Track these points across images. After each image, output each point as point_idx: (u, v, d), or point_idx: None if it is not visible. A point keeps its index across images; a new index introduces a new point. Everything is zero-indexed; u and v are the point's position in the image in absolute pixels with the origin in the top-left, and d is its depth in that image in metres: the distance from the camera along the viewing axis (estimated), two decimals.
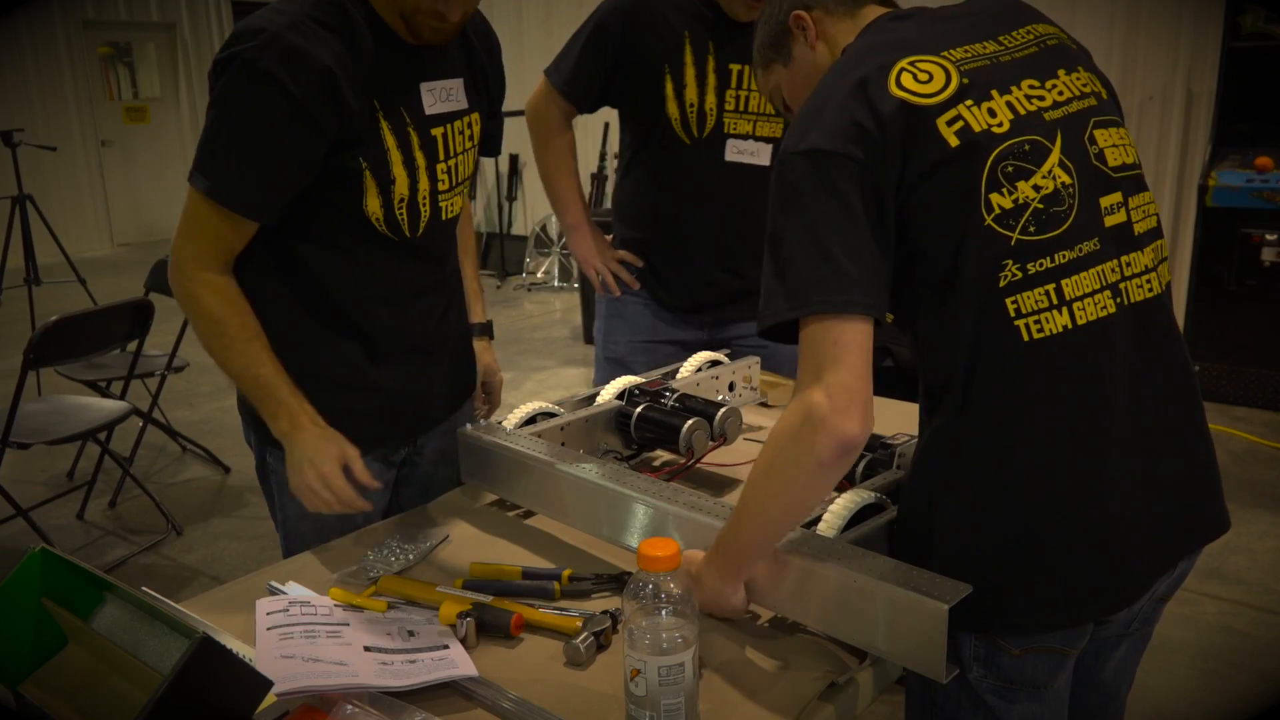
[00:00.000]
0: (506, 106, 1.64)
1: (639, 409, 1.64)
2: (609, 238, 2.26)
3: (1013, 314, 1.06)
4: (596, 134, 7.07)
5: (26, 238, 5.30)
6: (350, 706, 1.03)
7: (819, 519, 1.23)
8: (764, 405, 1.99)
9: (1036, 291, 1.06)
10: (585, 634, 1.16)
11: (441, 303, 1.63)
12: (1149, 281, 1.14)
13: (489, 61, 1.60)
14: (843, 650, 1.15)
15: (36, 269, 5.29)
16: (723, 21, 2.00)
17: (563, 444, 1.55)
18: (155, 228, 10.27)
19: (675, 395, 1.67)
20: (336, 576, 1.35)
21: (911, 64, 1.09)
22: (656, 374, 1.88)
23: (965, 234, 1.05)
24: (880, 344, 1.15)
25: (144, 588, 1.20)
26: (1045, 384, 1.07)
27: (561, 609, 1.24)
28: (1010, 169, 1.06)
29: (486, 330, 1.83)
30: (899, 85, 1.07)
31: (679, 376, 1.85)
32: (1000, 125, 1.08)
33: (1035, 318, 1.06)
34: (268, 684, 0.96)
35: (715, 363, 1.92)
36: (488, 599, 1.24)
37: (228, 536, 3.52)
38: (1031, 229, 1.06)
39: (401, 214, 1.46)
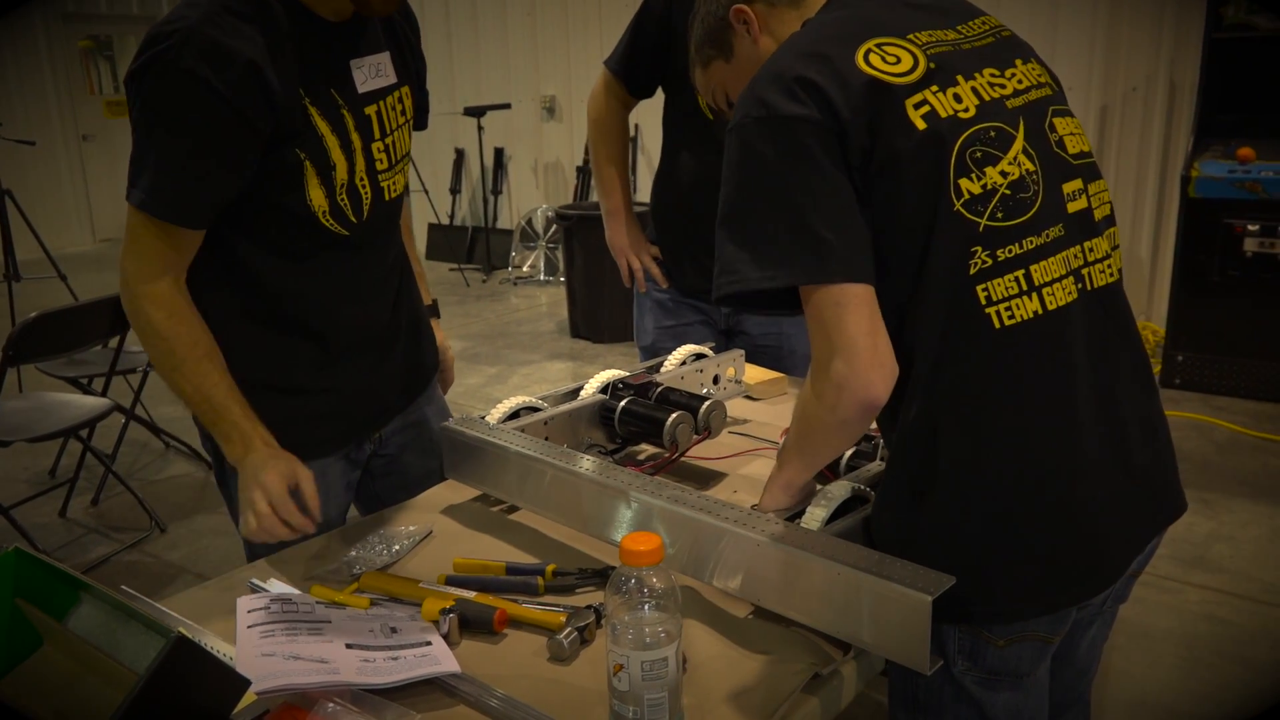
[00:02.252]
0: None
1: (623, 403, 1.63)
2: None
3: (983, 302, 1.06)
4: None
5: (6, 233, 5.26)
6: (332, 704, 1.02)
7: (802, 512, 1.22)
8: (748, 398, 1.98)
9: (1006, 278, 1.06)
10: (569, 629, 1.15)
11: (392, 289, 1.60)
12: (1109, 267, 1.16)
13: (410, 32, 1.54)
14: (827, 643, 1.15)
15: (16, 264, 5.25)
16: None
17: (546, 438, 1.54)
18: None
19: (659, 389, 1.66)
20: (318, 573, 1.34)
21: (879, 45, 1.08)
22: (640, 368, 1.88)
23: (935, 220, 1.05)
24: None
25: (123, 586, 1.20)
26: (1018, 371, 1.07)
27: (545, 604, 1.24)
28: (979, 154, 1.06)
29: (434, 310, 1.81)
30: (867, 63, 1.06)
31: (663, 370, 1.85)
32: (966, 111, 1.08)
33: (1006, 304, 1.06)
34: (245, 682, 0.95)
35: (699, 356, 1.91)
36: (471, 595, 1.24)
37: (212, 533, 3.50)
38: (999, 215, 1.06)
39: (344, 200, 1.41)
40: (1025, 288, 1.07)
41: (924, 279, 1.06)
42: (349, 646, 1.11)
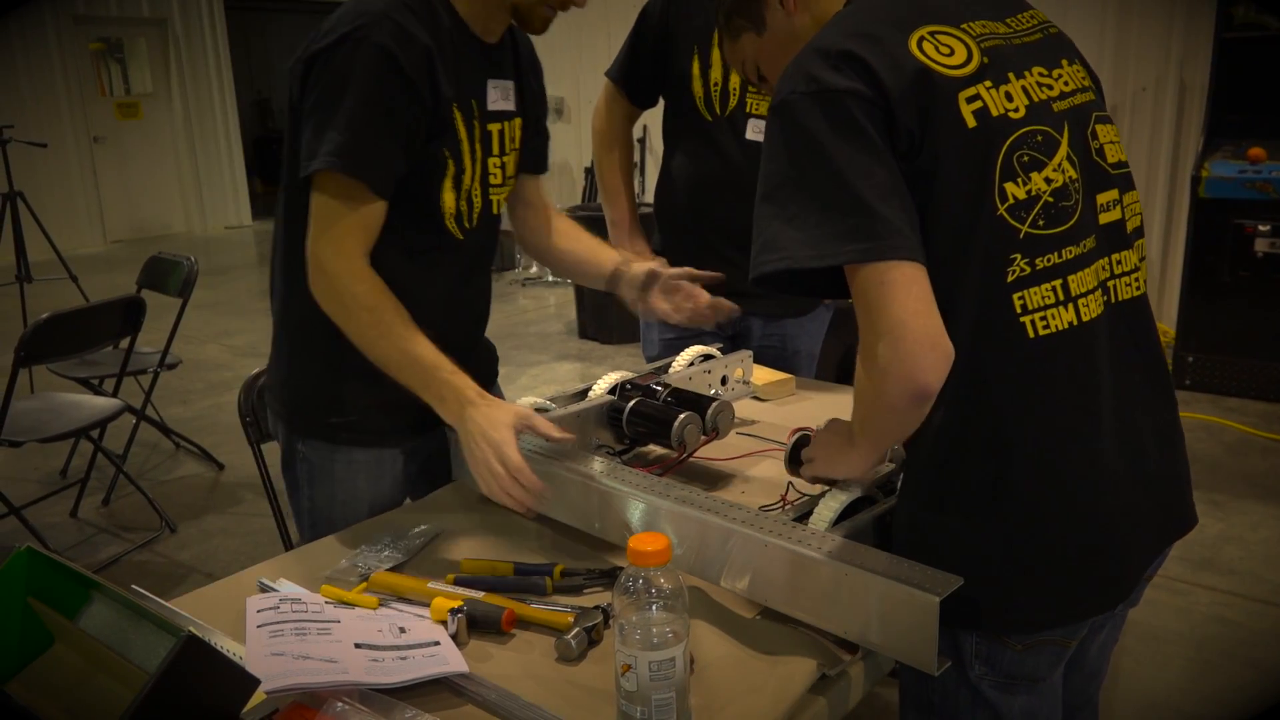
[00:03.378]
0: None
1: (631, 404, 1.63)
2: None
3: (1019, 310, 1.03)
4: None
5: (18, 235, 5.28)
6: (341, 704, 1.03)
7: (810, 512, 1.22)
8: (756, 399, 1.98)
9: (1043, 287, 1.03)
10: (577, 629, 1.15)
11: (481, 300, 1.70)
12: (1135, 280, 1.13)
13: (532, 74, 1.65)
14: (834, 643, 1.15)
15: (28, 266, 5.27)
16: None
17: None
18: (148, 224, 10.24)
19: (667, 390, 1.67)
20: (328, 573, 1.35)
21: (932, 34, 1.04)
22: (649, 368, 1.88)
23: (976, 223, 1.02)
24: None
25: (133, 586, 1.20)
26: (1047, 382, 1.05)
27: (553, 604, 1.24)
28: (1025, 159, 1.03)
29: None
30: (920, 51, 1.02)
31: (671, 371, 1.85)
32: (1016, 111, 1.04)
33: (1041, 314, 1.04)
34: (255, 682, 0.96)
35: (707, 356, 1.91)
36: (479, 595, 1.24)
37: (221, 533, 3.52)
38: (1041, 223, 1.03)
39: (463, 206, 1.52)
40: (1062, 298, 1.04)
41: (959, 282, 1.03)
42: (358, 646, 1.11)
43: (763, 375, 2.02)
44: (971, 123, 1.02)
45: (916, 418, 1.05)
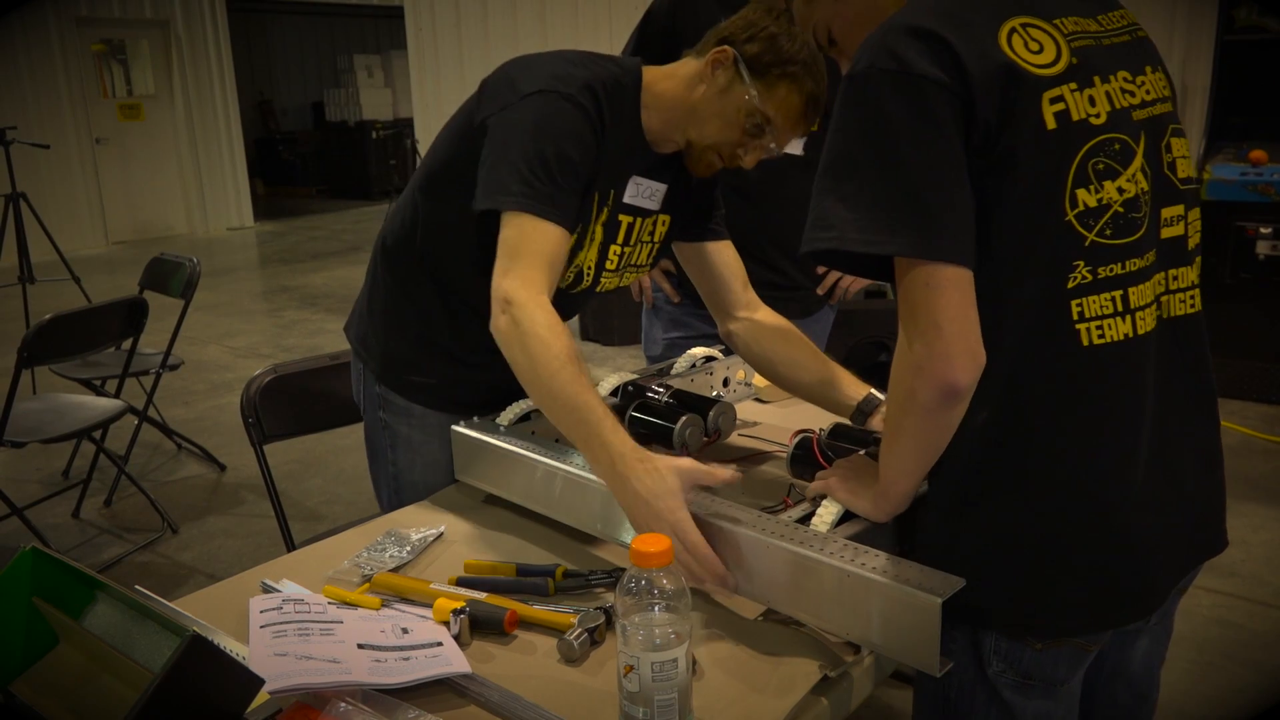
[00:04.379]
0: None
1: (633, 405, 1.64)
2: None
3: (1075, 317, 1.02)
4: None
5: (20, 236, 5.29)
6: (344, 704, 1.03)
7: (813, 514, 1.23)
8: (758, 400, 1.99)
9: (1103, 297, 1.02)
10: (579, 630, 1.16)
11: None
12: (1192, 298, 1.12)
13: (691, 180, 1.65)
14: (837, 644, 1.15)
15: (31, 267, 5.28)
16: None
17: (557, 440, 1.55)
18: (150, 225, 10.26)
19: (669, 391, 1.67)
20: (330, 574, 1.35)
21: (1024, 26, 1.02)
22: (651, 370, 1.88)
23: (1043, 226, 1.00)
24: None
25: (137, 586, 1.21)
26: (1096, 392, 1.04)
27: (555, 605, 1.24)
28: (1101, 166, 1.01)
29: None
30: (1009, 45, 1.00)
31: (673, 372, 1.85)
32: (1097, 117, 1.02)
33: (1098, 323, 1.02)
34: (259, 682, 0.96)
35: (709, 358, 1.92)
36: (481, 596, 1.24)
37: (223, 534, 3.52)
38: (1108, 232, 1.02)
39: (569, 274, 1.58)
40: (1120, 309, 1.03)
41: (1017, 282, 1.02)
42: (361, 647, 1.12)
43: None
44: (1051, 124, 1.00)
45: (946, 422, 1.04)
